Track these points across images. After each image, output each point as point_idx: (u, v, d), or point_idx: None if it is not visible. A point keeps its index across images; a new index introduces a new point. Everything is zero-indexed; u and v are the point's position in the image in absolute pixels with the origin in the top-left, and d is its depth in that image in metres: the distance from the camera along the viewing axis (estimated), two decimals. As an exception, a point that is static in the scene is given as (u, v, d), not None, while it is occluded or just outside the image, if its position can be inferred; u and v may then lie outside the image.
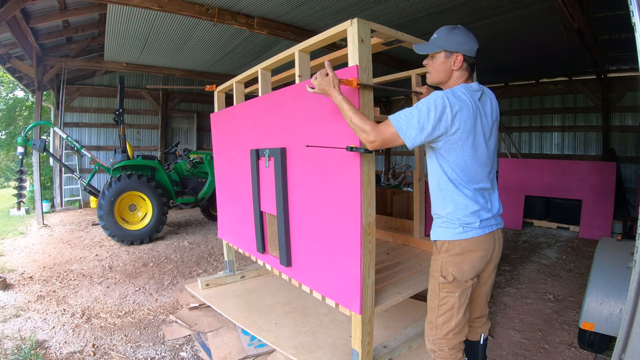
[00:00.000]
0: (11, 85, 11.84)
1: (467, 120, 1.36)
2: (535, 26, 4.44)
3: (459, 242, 1.45)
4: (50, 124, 6.62)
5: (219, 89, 3.40)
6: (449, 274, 1.46)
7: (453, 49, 1.46)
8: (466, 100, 1.38)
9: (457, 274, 1.46)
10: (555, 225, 5.81)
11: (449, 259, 1.46)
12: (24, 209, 7.27)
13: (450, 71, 1.49)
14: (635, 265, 1.31)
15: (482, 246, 1.47)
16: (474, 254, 1.46)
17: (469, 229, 1.45)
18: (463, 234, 1.44)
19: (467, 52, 1.46)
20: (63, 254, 4.56)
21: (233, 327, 2.63)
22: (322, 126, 1.90)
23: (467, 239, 1.45)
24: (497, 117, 1.56)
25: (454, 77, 1.50)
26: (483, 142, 1.44)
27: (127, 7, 4.01)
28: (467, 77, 1.51)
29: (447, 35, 1.47)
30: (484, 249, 1.49)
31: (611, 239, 2.95)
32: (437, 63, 1.50)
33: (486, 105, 1.50)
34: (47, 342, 2.47)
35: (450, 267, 1.45)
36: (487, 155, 1.48)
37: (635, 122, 6.49)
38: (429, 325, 1.56)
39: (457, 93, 1.39)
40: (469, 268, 1.47)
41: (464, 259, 1.45)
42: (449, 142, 1.39)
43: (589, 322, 2.15)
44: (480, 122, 1.42)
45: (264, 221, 2.56)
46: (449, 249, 1.46)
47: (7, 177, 15.56)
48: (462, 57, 1.45)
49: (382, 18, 4.19)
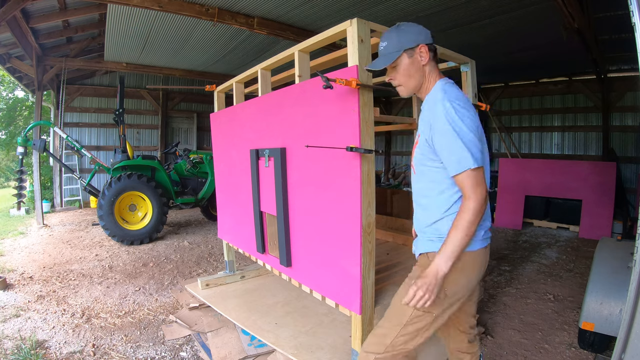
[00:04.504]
0: (11, 85, 11.84)
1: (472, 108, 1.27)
2: (535, 26, 4.44)
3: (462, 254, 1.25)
4: (50, 124, 6.62)
5: (219, 89, 3.40)
6: (441, 290, 1.26)
7: (413, 44, 1.31)
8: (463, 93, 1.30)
9: (451, 291, 1.28)
10: (555, 225, 5.81)
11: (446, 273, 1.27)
12: (24, 209, 7.27)
13: (421, 69, 1.34)
14: (635, 265, 1.31)
15: (483, 260, 1.34)
16: (474, 269, 1.32)
17: (474, 241, 1.28)
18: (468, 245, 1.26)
19: (427, 40, 1.32)
20: (63, 254, 4.56)
21: (233, 327, 2.63)
22: (322, 126, 1.90)
23: (472, 252, 1.29)
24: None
25: (428, 74, 1.35)
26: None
27: (127, 7, 4.01)
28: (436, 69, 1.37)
29: (398, 36, 1.33)
30: (484, 264, 1.36)
31: (611, 239, 2.95)
32: (404, 68, 1.34)
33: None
34: (47, 342, 2.47)
35: (445, 283, 1.25)
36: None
37: (635, 122, 6.49)
38: (377, 339, 1.35)
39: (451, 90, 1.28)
40: (465, 285, 1.31)
41: (463, 275, 1.29)
42: None
43: (589, 322, 2.15)
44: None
45: (264, 221, 2.56)
46: None
47: (7, 177, 15.56)
48: (425, 47, 1.31)
49: (382, 18, 4.19)
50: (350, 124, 1.70)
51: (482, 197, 1.18)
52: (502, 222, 6.08)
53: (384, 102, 10.84)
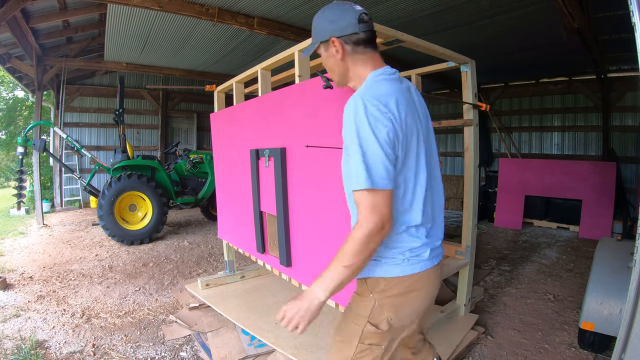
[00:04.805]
0: (11, 85, 11.84)
1: (406, 117, 1.04)
2: (535, 26, 4.44)
3: (401, 279, 1.08)
4: (50, 124, 6.62)
5: (219, 89, 3.40)
6: (382, 321, 1.08)
7: (327, 37, 1.12)
8: (393, 89, 1.06)
9: (395, 319, 1.09)
10: (555, 225, 5.81)
11: (386, 301, 1.09)
12: (24, 209, 7.27)
13: (340, 63, 1.14)
14: (635, 265, 1.31)
15: (432, 282, 1.15)
16: (419, 293, 1.12)
17: (416, 262, 1.10)
18: (409, 267, 1.09)
19: (342, 30, 1.09)
20: (63, 254, 4.56)
21: (233, 327, 2.63)
22: (322, 126, 1.90)
23: (414, 275, 1.09)
24: (425, 109, 1.21)
25: (353, 66, 1.13)
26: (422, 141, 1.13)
27: (127, 7, 4.01)
28: (372, 59, 1.12)
29: (317, 23, 1.15)
30: (434, 285, 1.16)
31: (611, 239, 2.95)
32: (324, 61, 1.18)
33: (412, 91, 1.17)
34: (47, 342, 2.47)
35: (386, 312, 1.08)
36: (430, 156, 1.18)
37: (635, 122, 6.49)
38: None
39: (376, 86, 1.06)
40: (410, 314, 1.13)
41: (406, 301, 1.10)
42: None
43: (589, 322, 2.15)
44: (415, 114, 1.10)
45: (264, 221, 2.56)
46: (386, 289, 1.09)
47: (7, 177, 15.56)
48: (338, 41, 1.10)
49: (382, 18, 4.19)
50: (350, 124, 1.70)
51: (375, 226, 0.95)
52: (502, 222, 6.08)
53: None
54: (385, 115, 0.98)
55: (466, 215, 2.68)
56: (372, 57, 1.13)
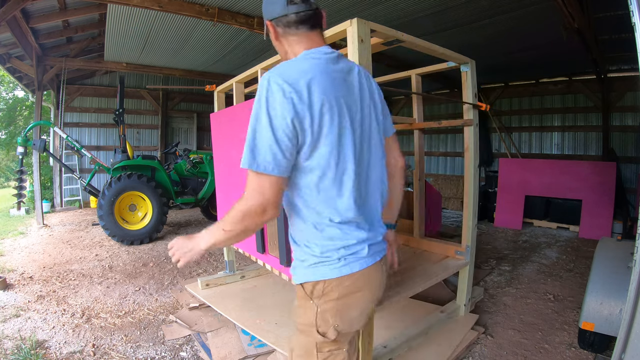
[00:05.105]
0: (11, 85, 11.84)
1: (321, 99, 0.98)
2: (535, 26, 4.44)
3: (339, 280, 1.02)
4: (50, 124, 6.62)
5: (219, 89, 3.40)
6: (329, 329, 1.03)
7: (265, 21, 1.13)
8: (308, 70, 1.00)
9: (342, 325, 1.04)
10: (555, 225, 5.81)
11: (327, 306, 1.03)
12: (24, 209, 7.27)
13: (278, 45, 1.15)
14: (635, 265, 1.31)
15: (373, 279, 1.08)
16: (362, 294, 1.06)
17: (353, 260, 1.03)
18: (346, 267, 1.02)
19: (272, 13, 1.09)
20: (63, 254, 4.56)
21: (233, 327, 2.63)
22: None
23: (353, 274, 1.03)
24: (372, 94, 1.16)
25: (288, 47, 1.12)
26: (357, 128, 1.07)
27: (127, 7, 4.01)
28: (308, 38, 1.09)
29: (262, 9, 1.14)
30: (375, 283, 1.10)
31: (611, 239, 2.95)
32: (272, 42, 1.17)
33: (350, 75, 1.10)
34: (47, 342, 2.47)
35: (331, 318, 1.03)
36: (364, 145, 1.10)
37: (635, 122, 6.49)
38: None
39: (291, 65, 1.01)
40: (356, 315, 1.07)
41: (349, 304, 1.04)
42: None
43: (589, 322, 2.15)
44: (339, 96, 1.02)
45: (264, 221, 2.56)
46: (326, 293, 1.03)
47: (7, 177, 15.56)
48: (270, 24, 1.10)
49: (382, 18, 4.19)
50: (350, 124, 1.70)
51: (255, 207, 0.95)
52: (502, 222, 6.08)
53: (384, 102, 10.83)
54: (287, 97, 0.93)
55: (466, 215, 2.68)
56: (308, 36, 1.09)
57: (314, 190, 1.01)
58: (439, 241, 2.98)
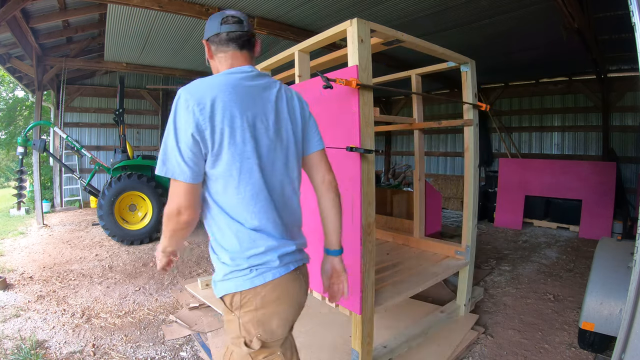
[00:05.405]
0: (11, 85, 11.84)
1: (223, 113, 1.03)
2: (535, 26, 4.44)
3: (254, 291, 1.05)
4: (50, 124, 6.62)
5: (219, 89, 3.38)
6: (253, 338, 1.06)
7: (203, 39, 1.21)
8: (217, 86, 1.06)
9: (265, 335, 1.07)
10: (555, 225, 5.82)
11: (248, 317, 1.06)
12: (24, 209, 7.27)
13: (212, 63, 1.22)
14: (635, 265, 1.31)
15: (289, 289, 1.11)
16: (280, 303, 1.08)
17: (265, 270, 1.06)
18: (259, 277, 1.05)
19: (209, 33, 1.16)
20: (63, 254, 4.56)
21: (233, 327, 2.63)
22: (322, 126, 1.90)
23: (266, 284, 1.06)
24: (293, 111, 1.21)
25: (218, 67, 1.19)
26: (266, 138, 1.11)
27: (127, 7, 4.00)
28: (233, 57, 1.16)
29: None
30: (296, 293, 1.13)
31: (611, 239, 2.95)
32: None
33: (268, 91, 1.16)
34: (47, 342, 2.47)
35: (253, 329, 1.06)
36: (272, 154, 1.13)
37: (635, 122, 6.49)
38: None
39: (202, 82, 1.07)
40: (278, 324, 1.09)
41: (268, 313, 1.07)
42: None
43: (589, 322, 2.15)
44: (247, 111, 1.07)
45: (264, 221, 2.56)
46: (244, 304, 1.06)
47: (7, 177, 15.56)
48: (206, 43, 1.19)
49: (382, 18, 4.19)
50: (350, 124, 1.70)
51: (172, 210, 1.04)
52: (502, 222, 6.08)
53: (384, 102, 10.84)
54: (191, 111, 0.99)
55: (466, 215, 2.68)
56: (235, 55, 1.16)
57: (222, 197, 1.07)
58: (439, 241, 2.99)
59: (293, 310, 1.14)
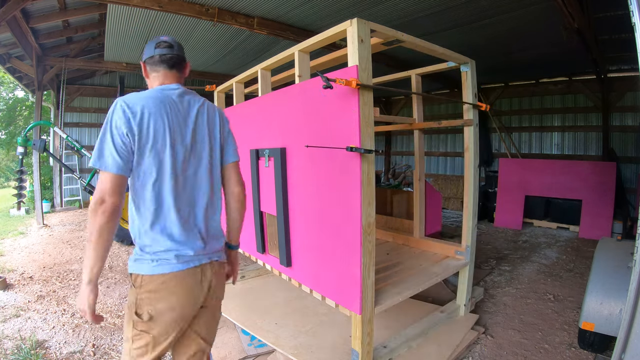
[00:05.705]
0: (11, 85, 11.84)
1: (149, 120, 1.22)
2: (535, 26, 4.44)
3: (151, 277, 1.22)
4: (50, 124, 6.62)
5: (219, 89, 3.40)
6: (144, 312, 1.23)
7: (141, 60, 1.41)
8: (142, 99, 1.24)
9: (154, 312, 1.23)
10: (555, 225, 5.82)
11: (144, 295, 1.23)
12: (24, 209, 7.27)
13: (147, 81, 1.41)
14: (635, 265, 1.31)
15: (183, 285, 1.25)
16: (172, 292, 1.24)
17: (164, 263, 1.23)
18: (157, 267, 1.22)
19: (145, 55, 1.37)
20: (63, 254, 4.56)
21: (233, 327, 2.63)
22: (322, 126, 1.90)
23: (163, 275, 1.23)
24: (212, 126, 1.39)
25: (152, 85, 1.38)
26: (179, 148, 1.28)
27: (127, 7, 4.00)
28: (164, 76, 1.36)
29: None
30: (188, 289, 1.27)
31: (611, 239, 2.95)
32: None
33: (190, 106, 1.35)
34: (47, 342, 2.47)
35: (146, 306, 1.23)
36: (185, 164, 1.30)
37: (635, 122, 6.49)
38: (126, 342, 1.30)
39: (134, 96, 1.26)
40: (167, 308, 1.24)
41: (160, 297, 1.23)
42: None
43: (589, 322, 2.15)
44: (170, 122, 1.26)
45: (264, 221, 2.57)
46: (143, 285, 1.23)
47: (7, 177, 15.56)
48: (142, 64, 1.38)
49: (382, 18, 4.19)
50: (350, 124, 1.70)
51: (97, 198, 1.13)
52: (502, 222, 6.08)
53: (384, 102, 10.84)
54: (125, 115, 1.18)
55: (466, 215, 2.68)
56: (165, 74, 1.36)
57: (141, 194, 1.24)
58: (439, 241, 2.99)
59: (184, 302, 1.27)
